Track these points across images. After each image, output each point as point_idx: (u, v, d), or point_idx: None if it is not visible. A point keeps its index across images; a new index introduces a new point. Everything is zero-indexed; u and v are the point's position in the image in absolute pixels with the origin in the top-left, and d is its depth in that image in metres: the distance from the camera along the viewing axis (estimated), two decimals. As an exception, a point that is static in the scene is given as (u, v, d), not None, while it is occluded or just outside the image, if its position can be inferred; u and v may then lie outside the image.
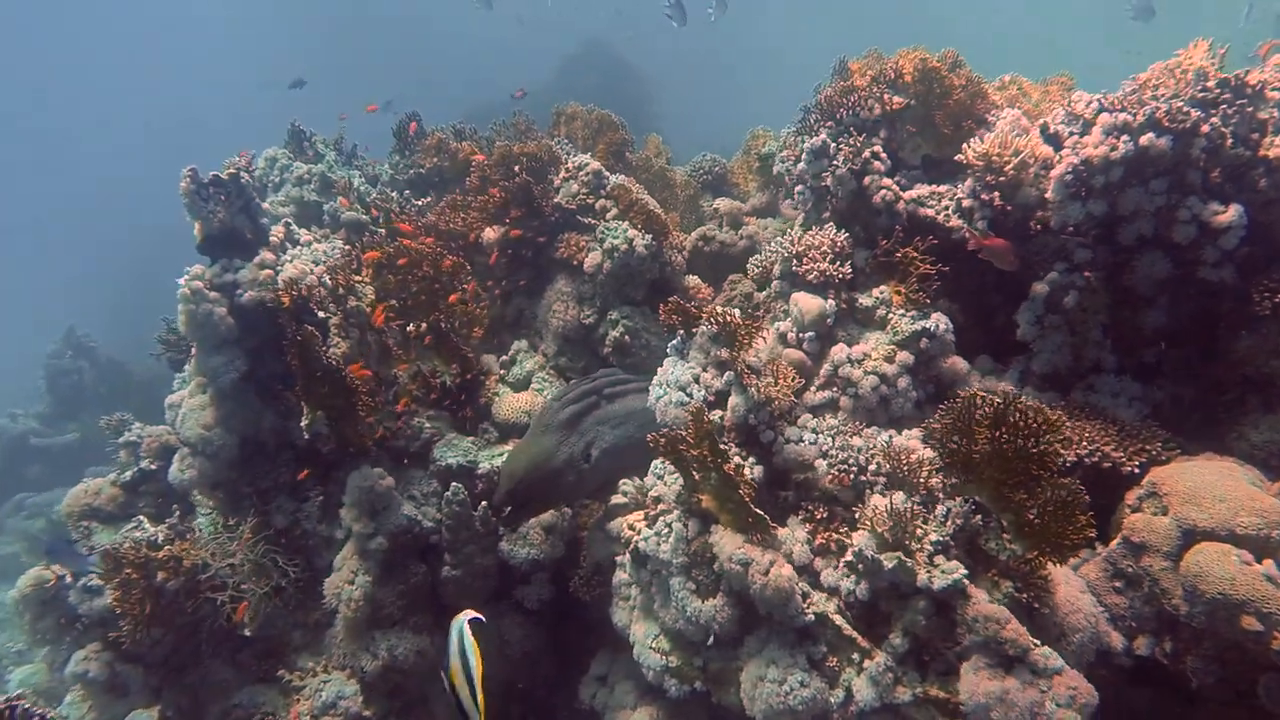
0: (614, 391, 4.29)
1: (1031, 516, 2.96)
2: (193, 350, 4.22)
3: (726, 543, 3.30)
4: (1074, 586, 3.25)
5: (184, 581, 3.90)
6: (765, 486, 3.61)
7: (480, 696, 2.30)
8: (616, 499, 4.17)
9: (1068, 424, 2.91)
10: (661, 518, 3.64)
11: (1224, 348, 3.42)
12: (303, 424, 4.14)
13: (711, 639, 3.47)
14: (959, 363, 3.80)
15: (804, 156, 4.11)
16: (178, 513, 4.24)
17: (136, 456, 4.58)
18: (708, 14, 9.44)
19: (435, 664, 4.21)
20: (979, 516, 3.12)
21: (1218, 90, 3.12)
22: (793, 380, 3.63)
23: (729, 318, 3.71)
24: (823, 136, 4.04)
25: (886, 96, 3.92)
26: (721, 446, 3.30)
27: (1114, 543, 3.26)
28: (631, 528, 3.79)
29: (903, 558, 2.98)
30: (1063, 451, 2.95)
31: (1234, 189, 3.16)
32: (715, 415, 3.77)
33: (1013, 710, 2.76)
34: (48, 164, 39.92)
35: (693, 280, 4.63)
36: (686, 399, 3.79)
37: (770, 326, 3.95)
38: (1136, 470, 3.30)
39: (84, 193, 36.10)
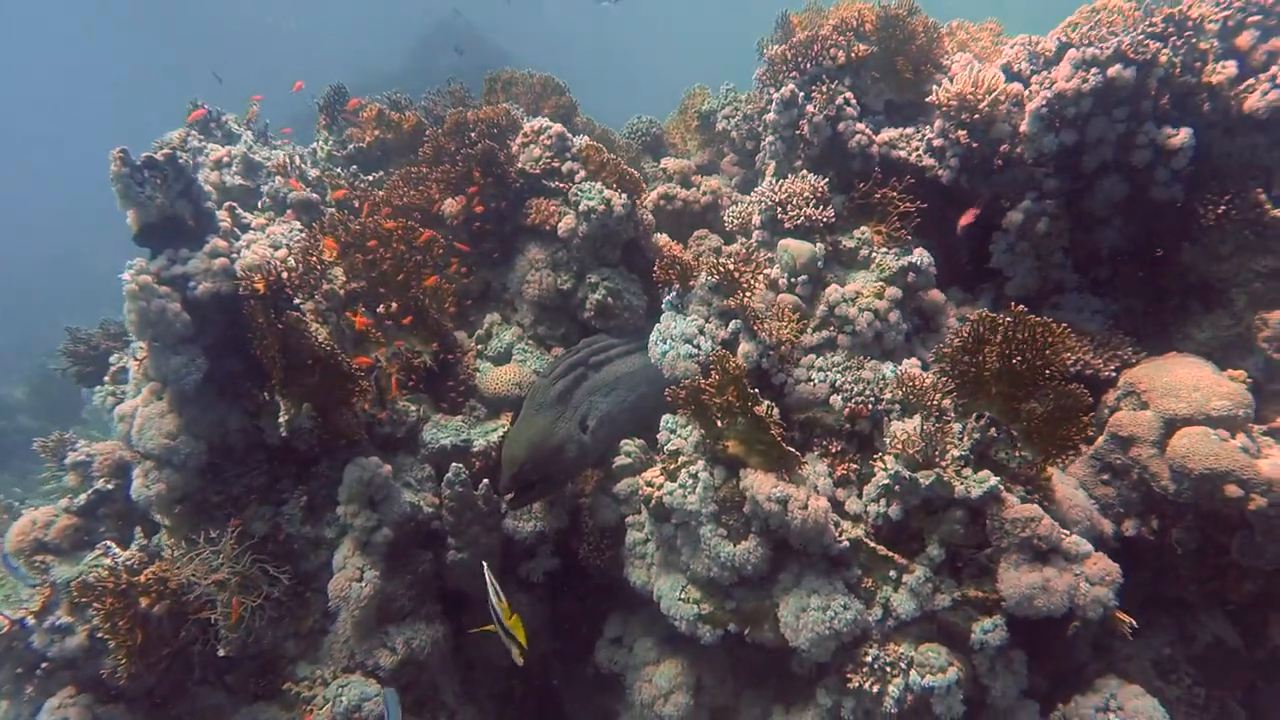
0: (599, 360, 4.26)
1: (1040, 423, 3.23)
2: (141, 353, 3.81)
3: (761, 483, 3.38)
4: (1068, 484, 3.57)
5: (169, 605, 3.55)
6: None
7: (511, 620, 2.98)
8: (620, 460, 4.15)
9: (1070, 335, 3.17)
10: (684, 469, 3.67)
11: (1169, 260, 3.82)
12: (281, 420, 3.83)
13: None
14: (937, 294, 4.04)
15: (774, 106, 4.21)
16: (141, 533, 3.83)
17: (88, 477, 4.07)
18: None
19: (447, 652, 4.08)
20: (992, 430, 3.35)
21: (1163, 25, 3.46)
22: (798, 322, 3.74)
23: (730, 266, 3.77)
24: (791, 87, 4.14)
25: (853, 44, 4.06)
26: (751, 389, 3.36)
27: (1099, 441, 3.59)
28: (650, 484, 3.78)
29: (941, 473, 3.16)
30: (1068, 360, 3.22)
31: (1179, 114, 3.52)
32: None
33: (1055, 595, 3.03)
34: None
35: (662, 239, 4.63)
36: (696, 351, 3.83)
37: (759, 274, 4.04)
38: (1113, 374, 3.65)
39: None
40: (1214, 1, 3.48)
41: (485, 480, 4.01)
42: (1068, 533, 3.08)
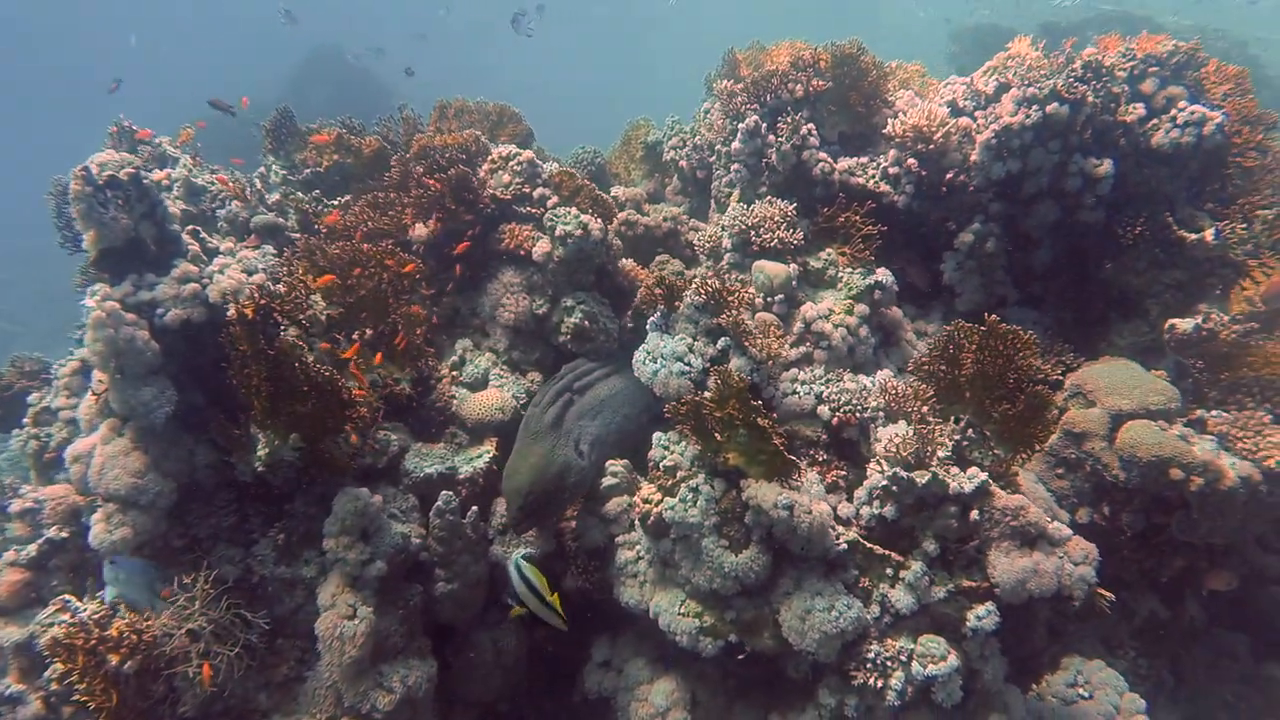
0: (582, 384, 4.29)
1: (1011, 423, 3.55)
2: (100, 386, 3.50)
3: (765, 492, 3.51)
4: (1029, 479, 3.92)
5: (140, 661, 3.25)
6: (767, 440, 3.87)
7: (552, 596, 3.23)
8: (607, 481, 4.17)
9: (1035, 342, 3.52)
10: (684, 484, 3.75)
11: (1092, 275, 4.31)
12: (260, 453, 3.61)
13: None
14: (896, 310, 4.35)
15: (739, 136, 4.44)
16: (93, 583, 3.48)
17: (37, 526, 3.63)
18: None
19: (440, 688, 3.93)
20: (969, 430, 3.65)
21: (1083, 70, 3.95)
22: (782, 338, 3.93)
23: (717, 286, 3.93)
24: (755, 118, 4.39)
25: (810, 79, 4.36)
26: (754, 402, 3.50)
27: (1052, 438, 3.97)
28: (647, 500, 3.83)
29: (937, 471, 3.41)
30: (1033, 364, 3.57)
31: (1099, 148, 4.01)
32: (713, 380, 3.96)
33: (1045, 577, 3.31)
34: None
35: (628, 263, 4.73)
36: (688, 368, 3.93)
37: (734, 295, 4.22)
38: (1059, 377, 4.05)
39: None
40: (1121, 53, 4.01)
41: (474, 508, 3.94)
42: (1049, 519, 3.39)
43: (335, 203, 4.34)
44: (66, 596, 3.29)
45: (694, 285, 3.99)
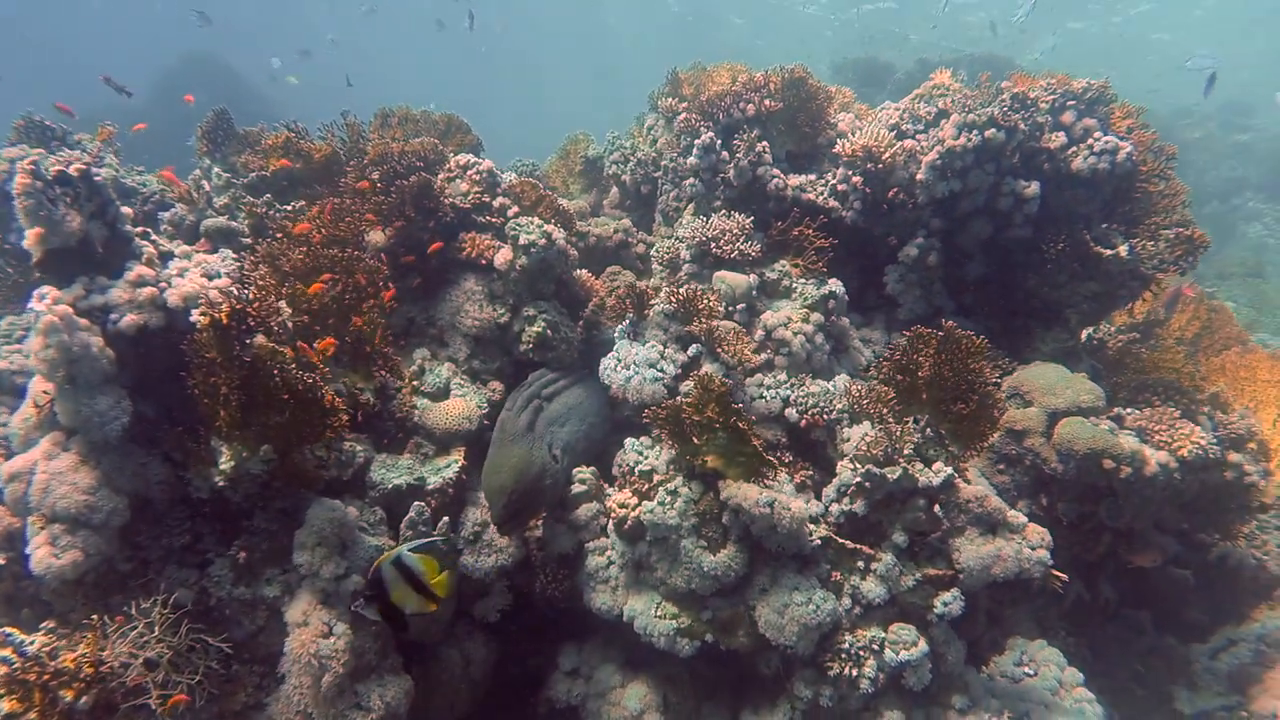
0: (549, 392, 4.29)
1: (965, 422, 3.82)
2: (43, 398, 3.20)
3: (746, 491, 3.62)
4: (974, 474, 4.22)
5: (96, 695, 2.97)
6: (738, 443, 3.99)
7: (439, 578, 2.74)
8: (576, 488, 4.17)
9: (987, 347, 3.80)
10: (661, 488, 3.81)
11: (1018, 287, 4.70)
12: (223, 466, 3.39)
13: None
14: (844, 319, 4.60)
15: (695, 152, 4.59)
16: (26, 613, 3.15)
17: None
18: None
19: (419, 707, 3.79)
20: (927, 429, 3.89)
21: (1011, 101, 4.34)
22: (749, 345, 4.08)
23: (688, 294, 4.03)
24: (710, 134, 4.56)
25: (761, 100, 4.57)
26: (770, 395, 3.61)
27: (994, 436, 4.28)
28: (623, 505, 3.86)
29: (907, 467, 3.62)
30: (986, 367, 3.85)
31: (1027, 171, 4.40)
32: (684, 386, 4.05)
33: (1007, 561, 3.57)
34: None
35: (584, 273, 4.75)
36: (660, 374, 4.01)
37: (697, 304, 4.33)
38: (997, 380, 4.38)
39: None
40: (1044, 87, 4.44)
41: (445, 518, 3.85)
42: (1007, 508, 3.67)
43: (288, 207, 4.16)
44: (7, 630, 2.97)
45: (664, 293, 4.08)
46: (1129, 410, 4.28)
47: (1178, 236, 4.22)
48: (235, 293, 3.24)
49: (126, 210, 3.38)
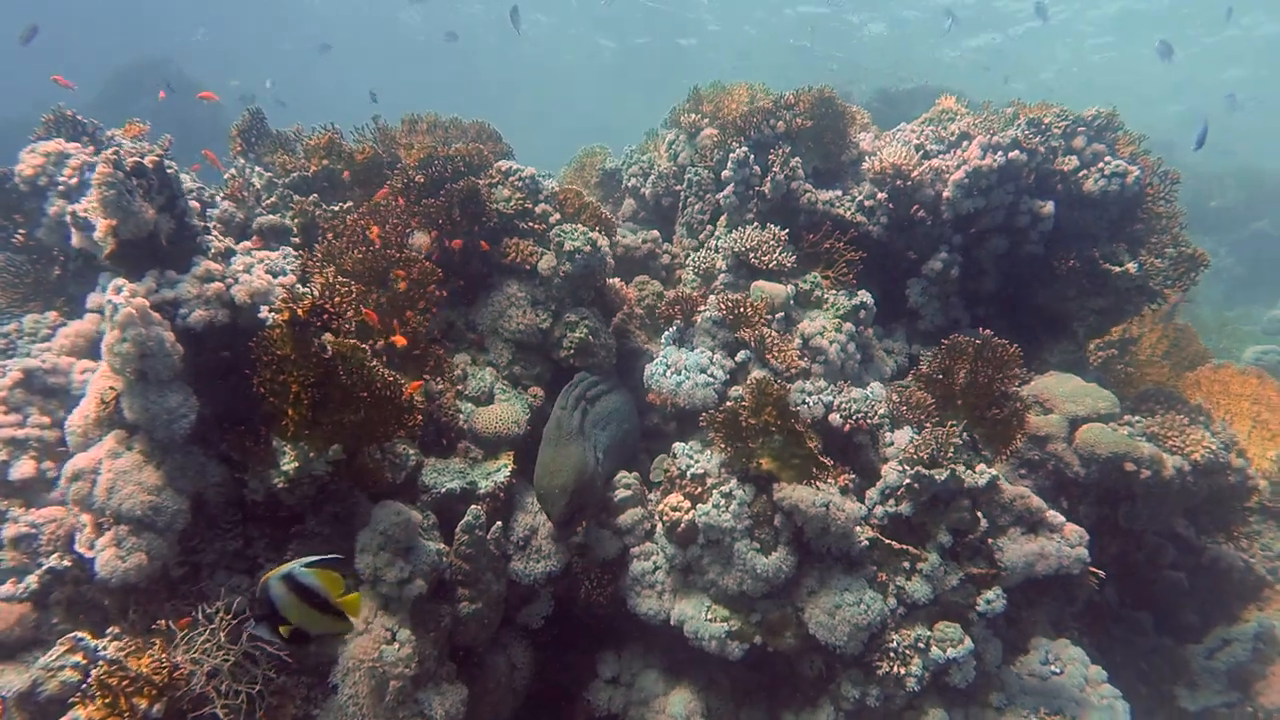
0: (593, 394, 4.32)
1: (999, 427, 4.00)
2: (109, 394, 3.08)
3: (802, 493, 3.71)
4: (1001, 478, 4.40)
5: (167, 705, 2.86)
6: (782, 447, 4.08)
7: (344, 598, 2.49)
8: (621, 493, 4.19)
9: (1020, 356, 4.00)
10: (715, 491, 3.87)
11: (1028, 301, 4.94)
12: (285, 467, 3.31)
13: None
14: (870, 330, 4.76)
15: (730, 165, 4.72)
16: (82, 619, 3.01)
17: (34, 554, 3.03)
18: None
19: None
20: (964, 434, 4.06)
21: (1028, 125, 4.60)
22: (794, 351, 4.19)
23: (737, 301, 4.13)
24: (744, 149, 4.70)
25: (792, 118, 4.74)
26: (813, 400, 3.71)
27: (1017, 442, 4.48)
28: (675, 508, 3.90)
29: (954, 469, 3.76)
30: (1019, 374, 4.04)
31: (1041, 191, 4.66)
32: (732, 391, 4.13)
33: (1048, 557, 3.74)
34: None
35: (616, 281, 4.81)
36: (711, 379, 4.08)
37: (735, 313, 4.44)
38: (1018, 388, 4.59)
39: None
40: (1057, 114, 4.72)
41: (498, 523, 3.83)
42: (1046, 507, 3.84)
43: (335, 208, 4.12)
44: (78, 634, 2.84)
45: (712, 301, 4.17)
46: (1137, 418, 4.54)
47: (1180, 254, 4.53)
48: (314, 289, 3.19)
49: (194, 204, 3.32)
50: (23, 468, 3.60)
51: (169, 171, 3.17)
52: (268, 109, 5.03)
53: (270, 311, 3.28)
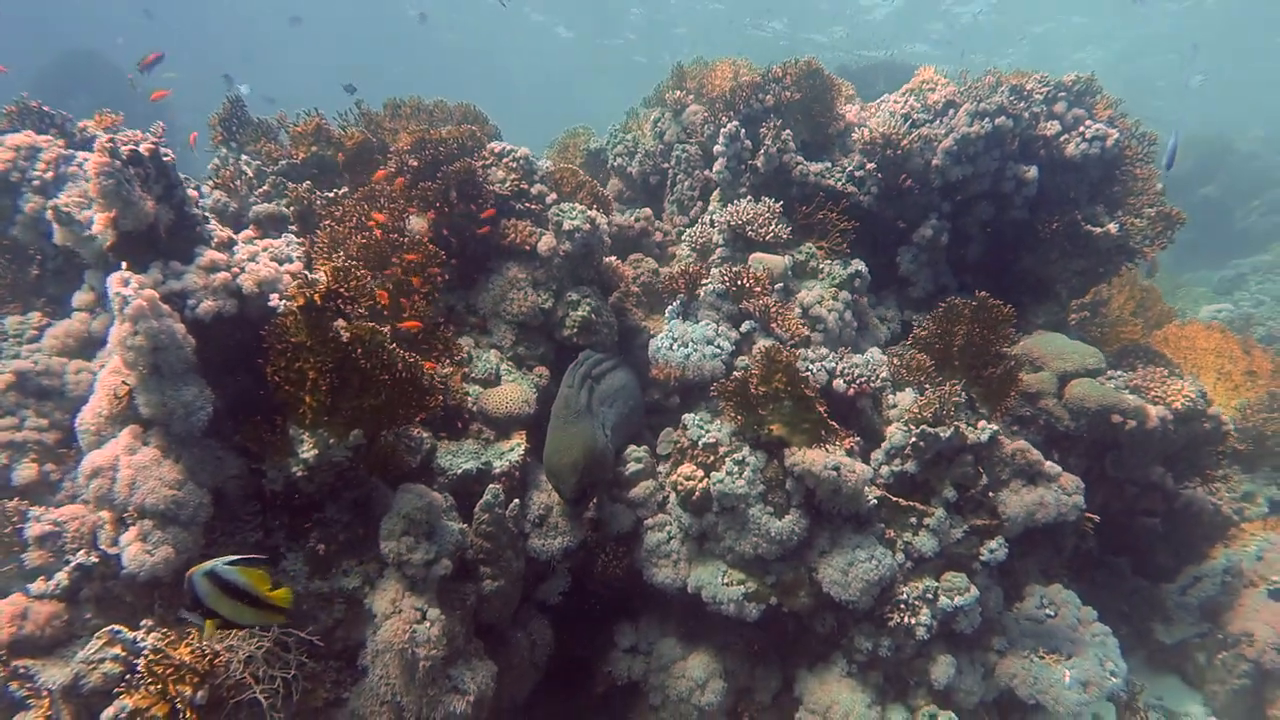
0: (599, 372, 4.35)
1: (995, 385, 4.15)
2: (123, 388, 3.02)
3: (814, 456, 3.81)
4: (992, 437, 4.56)
5: (209, 692, 2.85)
6: (788, 414, 4.17)
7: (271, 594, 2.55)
8: (632, 467, 4.25)
9: (1014, 315, 4.14)
10: (728, 458, 3.95)
11: (1013, 266, 5.10)
12: (305, 455, 3.29)
13: None
14: (864, 298, 4.87)
15: (721, 139, 4.76)
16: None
17: (59, 552, 2.95)
18: None
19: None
20: (962, 393, 4.20)
21: (1010, 91, 4.72)
22: (796, 320, 4.28)
23: (740, 273, 4.19)
24: (734, 123, 4.74)
25: (780, 91, 4.79)
26: (815, 367, 3.80)
27: (1011, 399, 4.64)
28: (689, 478, 3.97)
29: (958, 425, 3.90)
30: (1011, 334, 4.18)
31: (1024, 157, 4.80)
32: (739, 361, 4.20)
33: (1048, 506, 3.91)
34: None
35: (613, 260, 4.82)
36: (718, 351, 4.15)
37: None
38: (1008, 348, 4.75)
39: None
40: (1039, 80, 4.85)
41: (515, 501, 3.86)
42: (1043, 459, 4.00)
43: (329, 194, 4.05)
44: (115, 627, 2.80)
45: (715, 274, 4.23)
46: (1119, 373, 4.74)
47: (1158, 213, 4.71)
48: (324, 274, 3.16)
49: (192, 193, 3.25)
50: (25, 471, 3.53)
51: (165, 160, 3.11)
52: (255, 106, 4.88)
53: (281, 299, 3.24)
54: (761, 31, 27.48)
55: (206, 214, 3.42)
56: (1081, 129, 4.72)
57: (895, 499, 4.01)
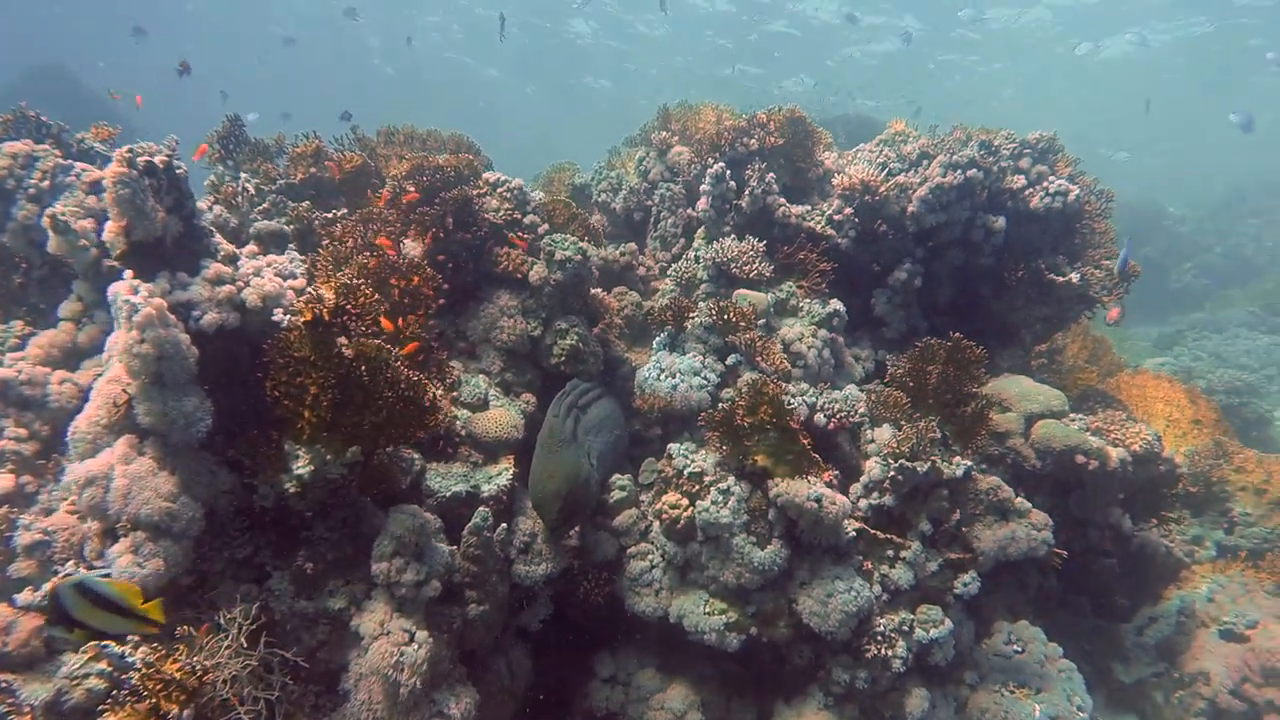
0: (584, 401, 4.41)
1: (968, 423, 4.32)
2: (121, 398, 2.99)
3: (797, 487, 3.91)
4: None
5: (195, 711, 2.79)
6: (771, 446, 4.27)
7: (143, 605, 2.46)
8: (616, 495, 4.30)
9: (985, 357, 4.33)
10: (713, 488, 4.02)
11: (980, 310, 5.34)
12: (299, 471, 3.27)
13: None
14: (840, 337, 5.04)
15: (708, 181, 4.93)
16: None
17: (49, 562, 2.84)
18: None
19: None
20: (938, 430, 4.36)
21: (979, 146, 5.00)
22: (780, 356, 4.41)
23: (726, 309, 4.32)
24: (720, 165, 4.93)
25: (765, 136, 5.00)
26: (796, 401, 3.91)
27: (982, 437, 4.82)
28: (674, 507, 4.04)
29: (934, 460, 4.04)
30: (983, 374, 4.38)
31: (993, 207, 5.07)
32: (725, 393, 4.31)
33: (1019, 541, 4.06)
34: None
35: (598, 291, 4.91)
36: (705, 382, 4.25)
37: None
38: (978, 389, 4.94)
39: None
40: (1006, 136, 5.15)
41: (503, 525, 3.87)
42: (1014, 494, 4.16)
43: (329, 215, 4.10)
44: (104, 642, 2.73)
45: (703, 308, 4.35)
46: (1080, 416, 4.96)
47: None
48: (331, 291, 3.20)
49: (201, 205, 3.28)
50: (1, 482, 3.45)
51: (178, 172, 3.14)
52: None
53: (286, 314, 3.26)
54: (729, 72, 28.38)
55: (211, 228, 3.44)
56: (1045, 184, 5.01)
57: (873, 531, 4.13)
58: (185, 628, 2.92)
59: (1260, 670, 4.85)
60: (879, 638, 4.03)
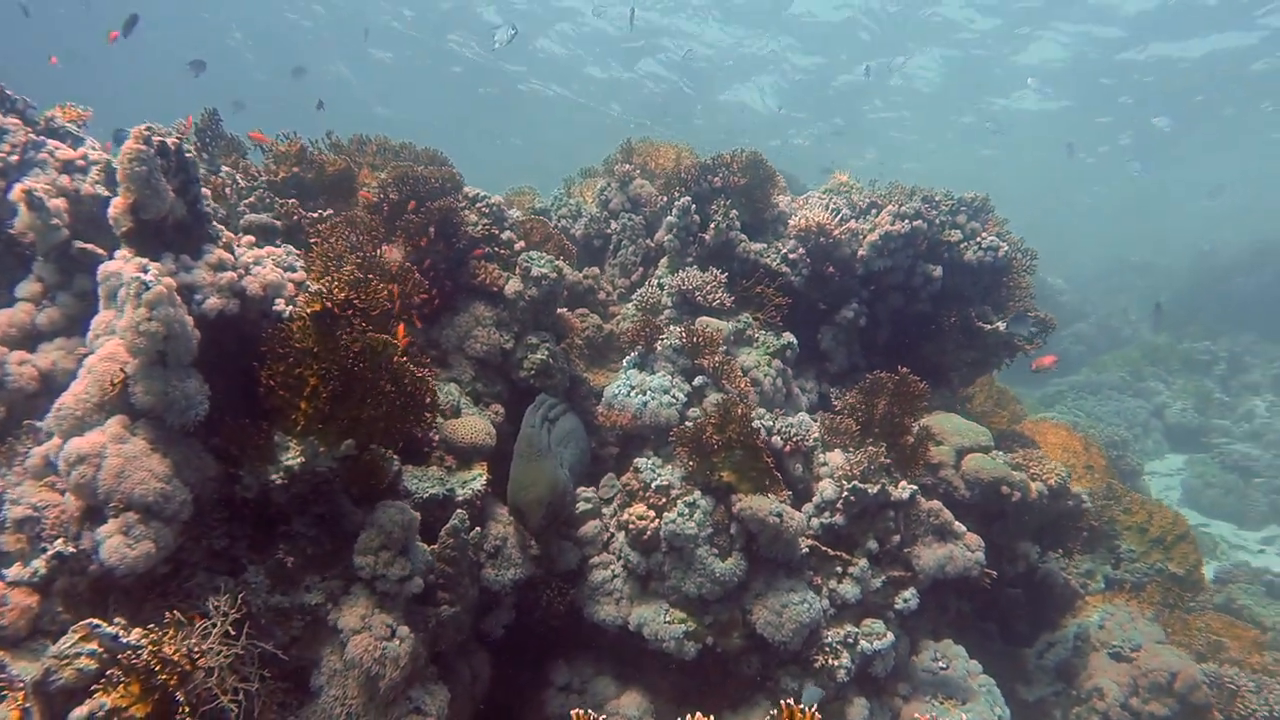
0: (554, 414, 4.54)
1: (908, 450, 4.69)
2: (116, 376, 2.91)
3: (760, 502, 4.15)
4: (898, 501, 5.08)
5: (186, 695, 2.72)
6: (731, 465, 4.51)
7: None
8: (581, 506, 4.42)
9: (928, 391, 4.72)
10: (680, 500, 4.21)
11: (915, 351, 5.78)
12: (289, 462, 3.24)
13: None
14: (790, 369, 5.36)
15: (674, 213, 5.21)
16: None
17: (37, 539, 2.64)
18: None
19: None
20: (884, 456, 4.70)
21: (922, 200, 5.48)
22: (743, 379, 4.67)
23: (696, 332, 4.56)
24: (687, 199, 5.22)
25: (728, 175, 5.33)
26: (755, 424, 4.16)
27: (921, 465, 5.20)
28: (641, 517, 4.19)
29: (884, 484, 4.36)
30: (924, 407, 4.76)
31: (932, 257, 5.54)
32: (691, 412, 4.52)
33: (956, 560, 4.40)
34: None
35: (565, 311, 5.04)
36: (674, 400, 4.45)
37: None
38: (918, 422, 5.34)
39: None
40: (945, 194, 5.66)
41: (477, 528, 3.93)
42: (953, 518, 4.53)
43: (315, 215, 4.10)
44: (94, 620, 2.63)
45: (674, 331, 4.57)
46: (1001, 452, 5.44)
47: (1035, 318, 5.55)
48: (338, 285, 3.24)
49: (205, 191, 3.28)
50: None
51: (187, 155, 3.15)
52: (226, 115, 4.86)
53: (288, 304, 3.29)
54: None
55: (212, 213, 3.43)
56: (979, 239, 5.53)
57: (824, 548, 4.40)
58: (174, 613, 2.86)
59: (1146, 686, 5.37)
60: (826, 648, 4.28)
